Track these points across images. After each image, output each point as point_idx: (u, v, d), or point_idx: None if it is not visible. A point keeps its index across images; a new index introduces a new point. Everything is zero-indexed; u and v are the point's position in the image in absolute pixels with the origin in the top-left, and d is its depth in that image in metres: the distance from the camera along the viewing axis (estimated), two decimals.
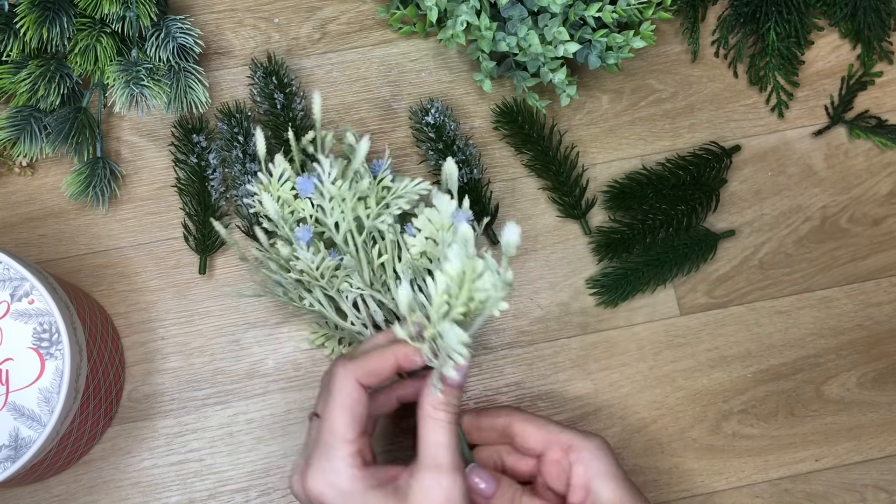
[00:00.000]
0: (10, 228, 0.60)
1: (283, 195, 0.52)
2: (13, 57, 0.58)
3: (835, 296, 0.62)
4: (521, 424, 0.50)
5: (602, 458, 0.47)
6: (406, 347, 0.46)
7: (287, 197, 0.52)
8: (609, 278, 0.60)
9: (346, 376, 0.45)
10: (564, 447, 0.48)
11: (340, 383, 0.45)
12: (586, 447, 0.47)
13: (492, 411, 0.51)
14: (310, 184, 0.52)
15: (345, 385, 0.45)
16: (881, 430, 0.60)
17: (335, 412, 0.44)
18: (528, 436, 0.49)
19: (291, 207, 0.53)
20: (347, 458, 0.44)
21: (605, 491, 0.46)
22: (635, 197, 0.61)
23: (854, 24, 0.64)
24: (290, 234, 0.52)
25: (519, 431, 0.50)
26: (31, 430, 0.48)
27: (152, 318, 0.59)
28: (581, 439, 0.48)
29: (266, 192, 0.52)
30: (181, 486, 0.58)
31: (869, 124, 0.64)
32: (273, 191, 0.52)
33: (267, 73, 0.60)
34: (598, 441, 0.48)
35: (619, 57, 0.57)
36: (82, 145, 0.58)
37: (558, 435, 0.48)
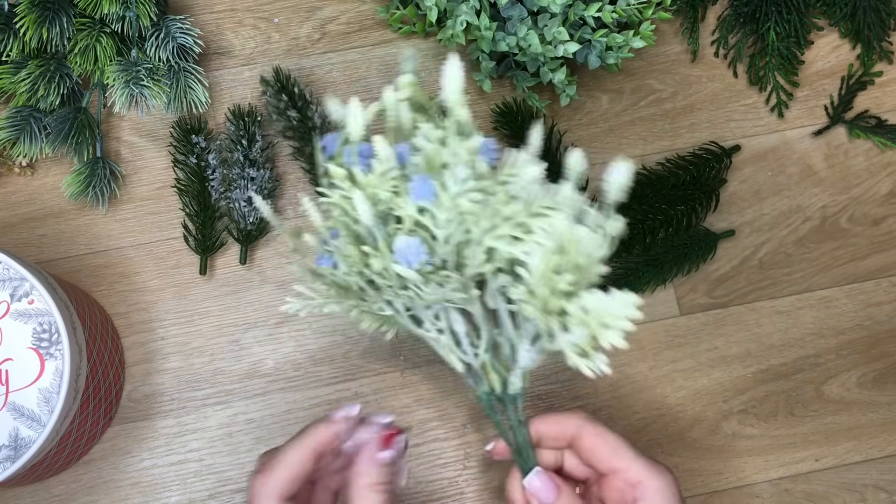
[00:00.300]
0: (10, 228, 0.60)
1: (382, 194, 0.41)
2: (13, 57, 0.58)
3: (835, 296, 0.62)
4: (592, 440, 0.46)
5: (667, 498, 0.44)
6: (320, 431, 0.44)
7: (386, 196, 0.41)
8: (609, 278, 0.60)
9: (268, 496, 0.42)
10: (632, 481, 0.45)
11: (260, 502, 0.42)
12: (652, 487, 0.44)
13: (562, 418, 0.47)
14: (430, 187, 0.40)
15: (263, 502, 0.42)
16: (881, 429, 0.60)
17: None
18: (598, 456, 0.46)
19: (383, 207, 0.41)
20: None
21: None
22: (635, 197, 0.61)
23: (854, 23, 0.64)
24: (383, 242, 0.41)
25: (588, 447, 0.46)
26: (30, 430, 0.48)
27: (152, 318, 0.59)
28: (650, 476, 0.44)
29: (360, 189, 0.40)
30: (181, 486, 0.57)
31: (869, 124, 0.64)
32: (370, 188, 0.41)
33: (277, 91, 0.59)
34: (667, 480, 0.45)
35: (618, 57, 0.57)
36: (82, 145, 0.58)
37: (629, 464, 0.45)
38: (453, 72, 0.40)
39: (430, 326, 0.45)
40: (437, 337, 0.46)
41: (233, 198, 0.59)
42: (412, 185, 0.40)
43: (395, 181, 0.41)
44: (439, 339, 0.46)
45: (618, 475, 0.45)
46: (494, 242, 0.41)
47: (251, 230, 0.59)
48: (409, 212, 0.40)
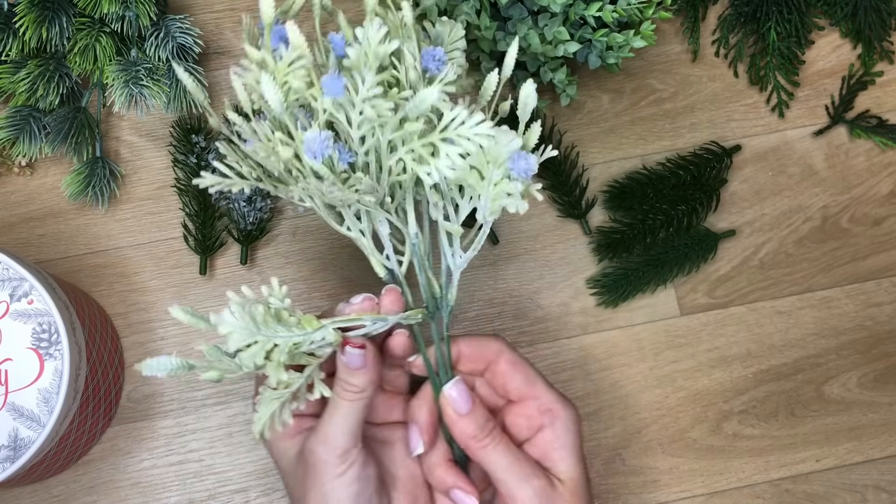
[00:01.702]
0: (10, 228, 0.60)
1: (294, 83, 0.40)
2: (12, 56, 0.57)
3: (835, 296, 0.62)
4: (508, 366, 0.47)
5: (572, 432, 0.46)
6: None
7: (298, 86, 0.40)
8: (609, 278, 0.60)
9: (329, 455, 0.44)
10: (542, 408, 0.46)
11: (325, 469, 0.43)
12: (562, 416, 0.46)
13: (483, 341, 0.48)
14: (340, 85, 0.40)
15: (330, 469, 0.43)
16: (882, 430, 0.60)
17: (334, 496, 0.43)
18: (511, 382, 0.47)
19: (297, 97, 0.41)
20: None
21: (564, 464, 0.46)
22: (635, 197, 0.61)
23: (854, 23, 0.64)
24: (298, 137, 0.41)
25: (503, 372, 0.47)
26: (30, 430, 0.47)
27: (152, 319, 0.59)
28: (560, 406, 0.46)
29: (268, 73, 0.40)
30: (181, 487, 0.57)
31: (869, 124, 0.63)
32: (280, 74, 0.40)
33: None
34: (574, 412, 0.47)
35: (619, 56, 0.57)
36: (81, 145, 0.58)
37: (541, 393, 0.47)
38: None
39: (353, 226, 0.45)
40: (358, 237, 0.46)
41: (232, 198, 0.59)
42: (324, 80, 0.40)
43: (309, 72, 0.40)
44: (361, 241, 0.46)
45: (528, 403, 0.47)
46: (405, 156, 0.41)
47: (251, 230, 0.59)
48: (324, 105, 0.40)
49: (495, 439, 0.45)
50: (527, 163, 0.40)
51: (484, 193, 0.42)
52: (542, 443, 0.46)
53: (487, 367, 0.48)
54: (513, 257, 0.61)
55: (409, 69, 0.41)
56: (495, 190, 0.41)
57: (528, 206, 0.42)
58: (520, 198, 0.41)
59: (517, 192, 0.41)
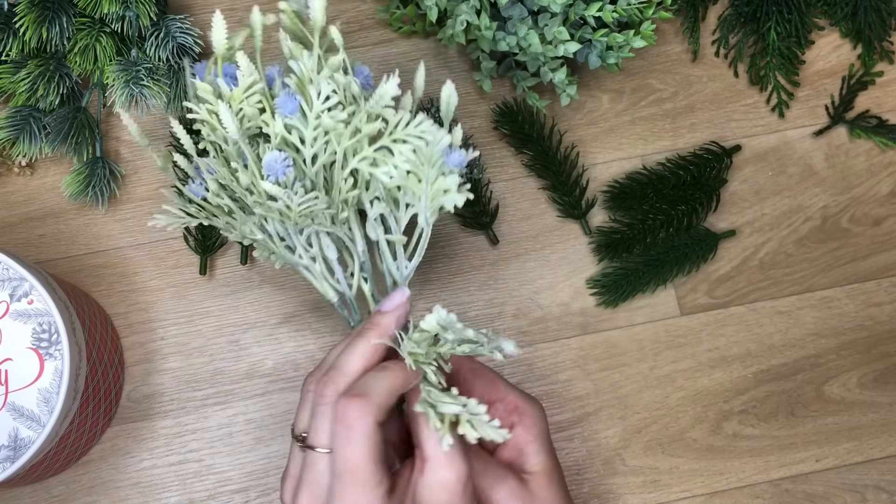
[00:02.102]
0: (10, 228, 0.60)
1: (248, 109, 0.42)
2: (12, 56, 0.57)
3: (835, 296, 0.62)
4: (468, 375, 0.48)
5: (541, 426, 0.47)
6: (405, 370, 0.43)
7: (251, 112, 0.42)
8: (609, 278, 0.60)
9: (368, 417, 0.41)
10: (509, 408, 0.47)
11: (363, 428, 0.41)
12: (530, 412, 0.47)
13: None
14: (294, 103, 0.42)
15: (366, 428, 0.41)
16: (882, 430, 0.60)
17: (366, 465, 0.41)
18: (474, 389, 0.48)
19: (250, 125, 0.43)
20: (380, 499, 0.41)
21: (537, 457, 0.46)
22: (635, 197, 0.61)
23: (855, 23, 0.64)
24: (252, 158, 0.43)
25: (465, 381, 0.48)
26: (30, 430, 0.47)
27: (152, 319, 0.59)
28: (526, 403, 0.47)
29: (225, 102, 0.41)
30: (181, 487, 0.57)
31: (869, 124, 0.63)
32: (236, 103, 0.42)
33: None
34: (540, 407, 0.48)
35: (619, 56, 0.57)
36: (82, 145, 0.58)
37: (505, 394, 0.48)
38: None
39: (303, 253, 0.46)
40: (309, 265, 0.47)
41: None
42: (278, 101, 0.42)
43: (262, 98, 0.42)
44: (312, 268, 0.47)
45: (496, 406, 0.47)
46: (358, 164, 0.43)
47: None
48: (277, 128, 0.42)
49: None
50: (459, 155, 0.43)
51: (424, 195, 0.44)
52: (515, 440, 0.47)
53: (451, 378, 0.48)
54: (513, 257, 0.61)
55: (350, 84, 0.43)
56: (433, 189, 0.43)
57: (464, 198, 0.44)
58: (456, 192, 0.43)
59: (454, 185, 0.43)
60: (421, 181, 0.44)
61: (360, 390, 0.42)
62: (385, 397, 0.42)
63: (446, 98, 0.45)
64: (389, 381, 0.43)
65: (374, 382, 0.43)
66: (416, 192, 0.44)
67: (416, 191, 0.44)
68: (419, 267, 0.60)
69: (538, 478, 0.46)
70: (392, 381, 0.43)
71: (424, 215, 0.45)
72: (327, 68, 0.43)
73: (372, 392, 0.42)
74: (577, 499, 0.59)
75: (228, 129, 0.41)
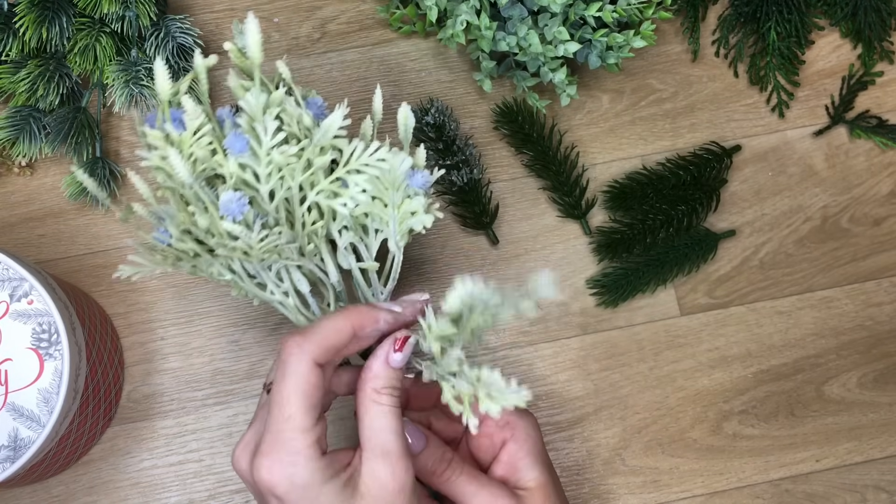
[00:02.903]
0: (10, 228, 0.60)
1: (199, 152, 0.42)
2: (12, 56, 0.57)
3: (835, 296, 0.62)
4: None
5: (534, 439, 0.47)
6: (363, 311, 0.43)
7: (203, 154, 0.42)
8: (609, 278, 0.60)
9: (302, 358, 0.41)
10: (500, 423, 0.47)
11: (295, 365, 0.41)
12: (521, 426, 0.47)
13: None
14: (243, 141, 0.42)
15: (300, 367, 0.41)
16: (882, 430, 0.60)
17: (291, 399, 0.41)
18: None
19: (205, 166, 0.42)
20: (307, 449, 0.41)
21: (531, 471, 0.46)
22: (635, 197, 0.61)
23: (855, 23, 0.64)
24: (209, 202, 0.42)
25: None
26: (30, 430, 0.47)
27: (152, 319, 0.59)
28: (517, 417, 0.47)
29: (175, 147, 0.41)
30: (181, 487, 0.57)
31: (869, 124, 0.63)
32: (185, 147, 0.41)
33: None
34: (532, 420, 0.48)
35: (619, 56, 0.57)
36: (82, 145, 0.58)
37: None
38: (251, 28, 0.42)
39: (275, 289, 0.46)
40: (283, 300, 0.46)
41: None
42: (226, 141, 0.41)
43: (212, 140, 0.42)
44: (286, 303, 0.46)
45: (486, 422, 0.47)
46: (316, 197, 0.43)
47: None
48: (231, 168, 0.42)
49: (455, 470, 0.45)
50: (423, 176, 0.43)
51: (391, 219, 0.44)
52: (508, 457, 0.47)
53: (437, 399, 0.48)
54: (513, 257, 0.61)
55: (302, 116, 0.43)
56: (400, 213, 0.44)
57: (433, 218, 0.44)
58: (423, 213, 0.44)
59: (421, 207, 0.43)
60: (387, 206, 0.44)
61: (304, 329, 0.42)
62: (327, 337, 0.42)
63: (403, 120, 0.45)
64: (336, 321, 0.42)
65: (319, 322, 0.43)
66: (383, 218, 0.44)
67: (382, 216, 0.44)
68: (419, 267, 0.60)
69: (534, 494, 0.46)
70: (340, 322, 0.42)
71: (394, 240, 0.45)
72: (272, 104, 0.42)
73: (313, 330, 0.42)
74: (578, 499, 0.59)
75: (180, 173, 0.41)
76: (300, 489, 0.41)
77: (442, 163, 0.60)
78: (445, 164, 0.60)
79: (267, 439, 0.41)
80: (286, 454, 0.41)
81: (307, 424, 0.41)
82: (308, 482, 0.41)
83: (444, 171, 0.47)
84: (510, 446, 0.47)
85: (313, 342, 0.42)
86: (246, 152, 0.42)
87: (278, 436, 0.41)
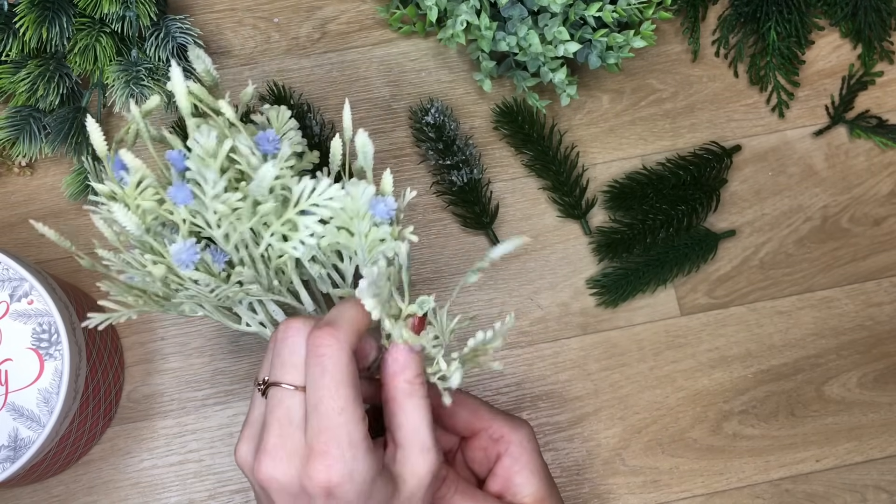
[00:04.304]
0: (10, 228, 0.60)
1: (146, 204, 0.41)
2: (12, 57, 0.57)
3: (835, 296, 0.62)
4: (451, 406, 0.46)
5: (529, 452, 0.46)
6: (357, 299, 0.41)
7: (150, 205, 0.41)
8: (609, 278, 0.60)
9: (341, 347, 0.39)
10: (495, 437, 0.46)
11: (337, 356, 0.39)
12: (515, 440, 0.46)
13: None
14: (186, 191, 0.41)
15: (342, 357, 0.39)
16: (882, 430, 0.60)
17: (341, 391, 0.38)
18: (458, 420, 0.47)
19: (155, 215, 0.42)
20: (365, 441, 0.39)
21: (528, 486, 0.45)
22: (635, 197, 0.61)
23: (855, 23, 0.64)
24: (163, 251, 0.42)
25: (449, 412, 0.47)
26: (30, 430, 0.47)
27: (152, 318, 0.59)
28: (511, 429, 0.46)
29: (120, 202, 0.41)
30: (181, 487, 0.57)
31: (870, 124, 0.63)
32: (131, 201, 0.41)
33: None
34: (527, 431, 0.46)
35: (619, 57, 0.57)
36: (82, 145, 0.58)
37: (489, 423, 0.46)
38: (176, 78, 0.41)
39: (251, 321, 0.45)
40: (260, 330, 0.46)
41: None
42: (169, 192, 0.41)
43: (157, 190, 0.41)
44: (263, 333, 0.46)
45: (480, 435, 0.46)
46: (270, 239, 0.42)
47: None
48: (182, 215, 0.41)
49: (450, 488, 0.44)
50: (385, 205, 0.42)
51: (359, 248, 0.43)
52: (503, 471, 0.46)
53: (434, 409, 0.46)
54: (513, 257, 0.61)
55: (249, 158, 0.41)
56: (368, 241, 0.42)
57: (407, 244, 0.42)
58: (392, 241, 0.42)
59: (388, 235, 0.42)
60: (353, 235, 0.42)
61: (329, 320, 0.40)
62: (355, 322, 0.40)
63: (361, 147, 0.43)
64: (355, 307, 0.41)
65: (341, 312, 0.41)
66: (350, 247, 0.43)
67: (350, 245, 0.43)
68: (418, 268, 0.60)
69: None
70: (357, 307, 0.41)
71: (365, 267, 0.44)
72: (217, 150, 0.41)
73: (341, 320, 0.40)
74: (578, 499, 0.59)
75: (128, 227, 0.41)
76: (359, 484, 0.39)
77: (442, 163, 0.60)
78: (445, 164, 0.60)
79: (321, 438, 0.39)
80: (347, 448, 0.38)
81: (361, 415, 0.39)
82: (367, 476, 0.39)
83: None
84: (504, 460, 0.46)
85: (346, 331, 0.40)
86: (191, 202, 0.41)
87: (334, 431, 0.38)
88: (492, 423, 0.46)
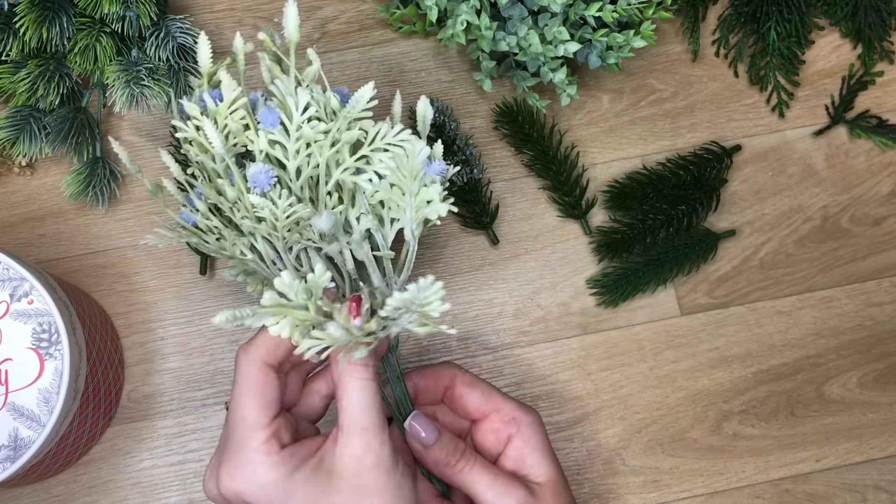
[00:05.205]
0: (10, 228, 0.60)
1: (232, 125, 0.44)
2: (13, 56, 0.57)
3: (835, 296, 0.62)
4: (464, 388, 0.48)
5: (540, 434, 0.48)
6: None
7: (236, 127, 0.44)
8: (609, 278, 0.60)
9: (249, 360, 0.42)
10: (506, 419, 0.48)
11: (245, 368, 0.42)
12: (527, 422, 0.47)
13: (435, 370, 0.49)
14: (275, 115, 0.43)
15: (249, 369, 0.42)
16: (882, 430, 0.60)
17: (243, 401, 0.41)
18: (470, 401, 0.48)
19: (236, 140, 0.44)
20: (262, 446, 0.40)
21: (540, 466, 0.47)
22: (635, 197, 0.61)
23: (855, 23, 0.64)
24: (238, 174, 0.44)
25: (461, 394, 0.48)
26: (30, 430, 0.47)
27: (152, 319, 0.59)
28: (522, 413, 0.48)
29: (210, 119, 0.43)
30: (181, 487, 0.57)
31: (870, 124, 0.63)
32: (221, 118, 0.43)
33: None
34: (536, 415, 0.48)
35: (619, 56, 0.57)
36: (82, 145, 0.58)
37: (501, 405, 0.48)
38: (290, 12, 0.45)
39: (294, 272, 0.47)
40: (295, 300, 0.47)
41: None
42: (259, 114, 0.44)
43: (245, 114, 0.44)
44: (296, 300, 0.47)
45: (492, 417, 0.48)
46: (341, 175, 0.45)
47: None
48: (261, 144, 0.44)
49: (469, 462, 0.46)
50: (440, 164, 0.45)
51: (408, 207, 0.45)
52: (514, 452, 0.47)
53: (445, 393, 0.49)
54: (513, 257, 0.61)
55: (330, 99, 0.45)
56: (417, 201, 0.45)
57: (447, 209, 0.46)
58: (439, 201, 0.45)
59: (437, 195, 0.45)
60: (404, 193, 0.45)
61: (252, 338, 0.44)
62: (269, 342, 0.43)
63: (421, 113, 0.47)
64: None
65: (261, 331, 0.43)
66: (400, 205, 0.45)
67: (399, 203, 0.45)
68: (418, 267, 0.60)
69: (545, 488, 0.46)
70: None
71: (410, 228, 0.46)
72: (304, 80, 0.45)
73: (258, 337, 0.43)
74: (578, 499, 0.59)
75: (214, 144, 0.43)
76: (264, 487, 0.40)
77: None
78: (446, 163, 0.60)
79: (227, 449, 0.41)
80: (244, 454, 0.40)
81: (261, 422, 0.41)
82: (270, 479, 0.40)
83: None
84: (516, 441, 0.47)
85: (259, 345, 0.43)
86: (277, 126, 0.43)
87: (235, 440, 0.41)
88: (504, 406, 0.48)
